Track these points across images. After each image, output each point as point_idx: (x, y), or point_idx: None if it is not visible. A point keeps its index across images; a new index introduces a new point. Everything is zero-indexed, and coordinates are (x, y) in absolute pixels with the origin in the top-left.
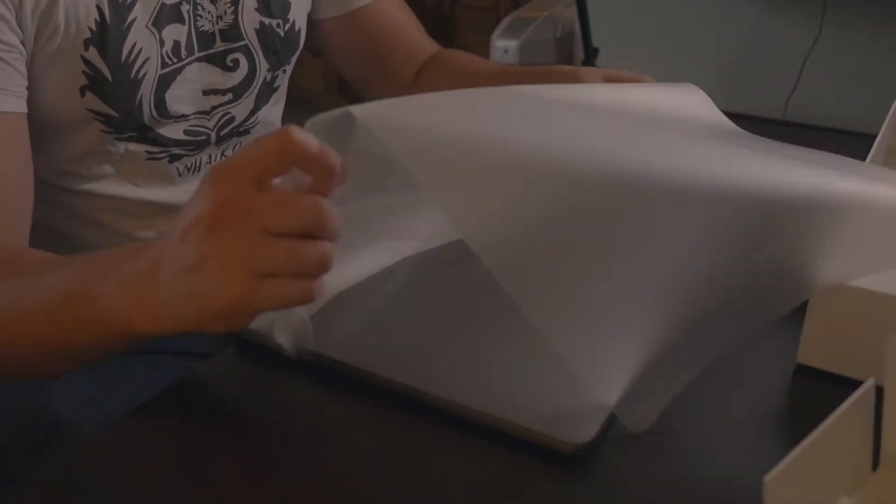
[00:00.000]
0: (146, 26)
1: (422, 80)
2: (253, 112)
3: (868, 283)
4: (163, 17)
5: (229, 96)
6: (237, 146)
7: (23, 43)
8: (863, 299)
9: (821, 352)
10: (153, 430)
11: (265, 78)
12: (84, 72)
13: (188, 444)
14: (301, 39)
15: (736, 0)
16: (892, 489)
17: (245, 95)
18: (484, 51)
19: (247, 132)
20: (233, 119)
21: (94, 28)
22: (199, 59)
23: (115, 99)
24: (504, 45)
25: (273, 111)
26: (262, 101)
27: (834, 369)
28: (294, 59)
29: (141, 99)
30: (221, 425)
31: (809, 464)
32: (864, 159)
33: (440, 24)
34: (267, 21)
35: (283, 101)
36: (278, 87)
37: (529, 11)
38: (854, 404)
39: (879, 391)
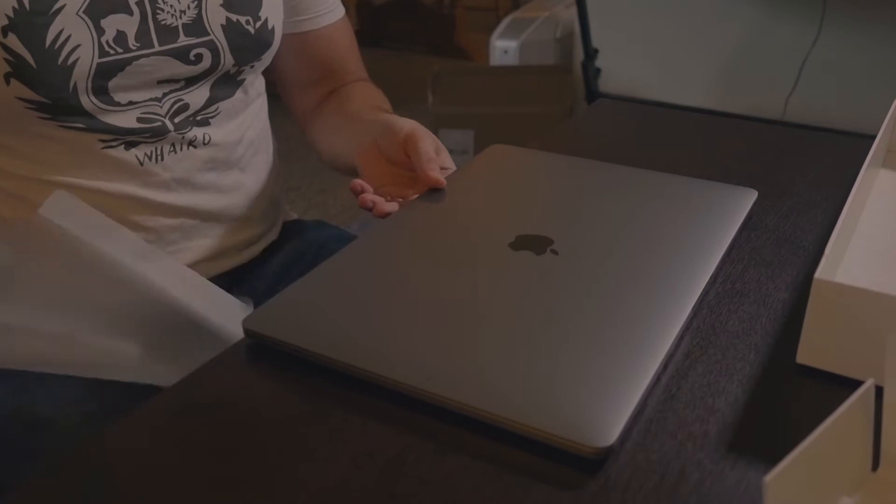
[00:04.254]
0: (77, 13)
1: (317, 109)
2: (210, 101)
3: (868, 283)
4: (99, 7)
5: (181, 83)
6: (206, 137)
7: None
8: (863, 299)
9: (821, 352)
10: (154, 430)
11: (228, 71)
12: (6, 59)
13: (189, 443)
14: (275, 37)
15: (736, 0)
16: (892, 489)
17: (199, 84)
18: (484, 51)
19: (206, 122)
20: (186, 106)
21: (10, 15)
22: (160, 53)
23: (44, 85)
24: (504, 46)
25: (243, 104)
26: (220, 91)
27: (834, 369)
28: (266, 56)
29: (75, 86)
30: (223, 425)
31: (809, 464)
32: (863, 159)
33: (440, 24)
34: (234, 17)
35: (264, 97)
36: (243, 80)
37: (529, 11)
38: (854, 404)
39: (879, 391)
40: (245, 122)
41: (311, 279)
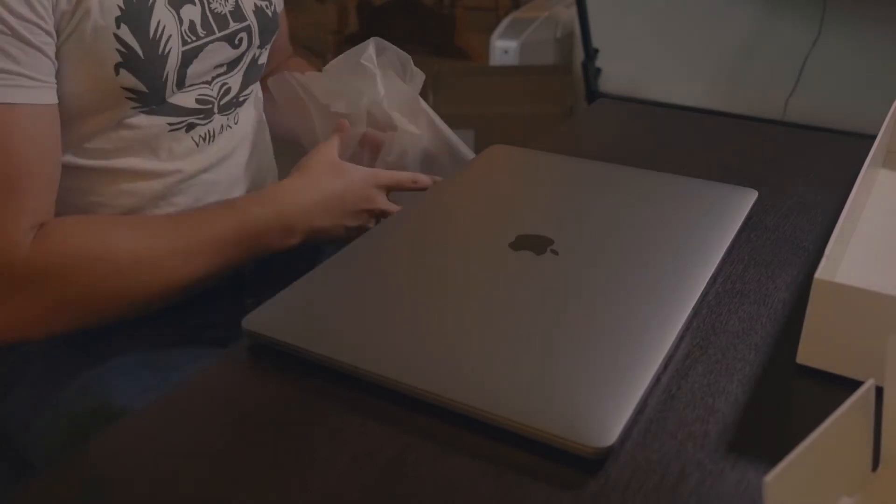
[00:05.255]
0: (165, 6)
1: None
2: (244, 84)
3: (868, 284)
4: None
5: (225, 68)
6: (236, 117)
7: (57, 31)
8: (863, 299)
9: (821, 352)
10: (155, 430)
11: (254, 55)
12: (118, 49)
13: (190, 443)
14: (279, 20)
15: (736, 0)
16: (892, 489)
17: (236, 69)
18: (484, 51)
19: (241, 104)
20: (230, 89)
21: (122, 6)
22: (219, 39)
23: (147, 75)
24: (504, 46)
25: (260, 86)
26: (251, 74)
27: (834, 369)
28: (275, 38)
29: (167, 74)
30: (223, 425)
31: (809, 464)
32: (864, 159)
33: (440, 24)
34: (260, 3)
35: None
36: (262, 63)
37: (529, 11)
38: (854, 404)
39: (879, 391)
40: (259, 102)
41: (311, 279)
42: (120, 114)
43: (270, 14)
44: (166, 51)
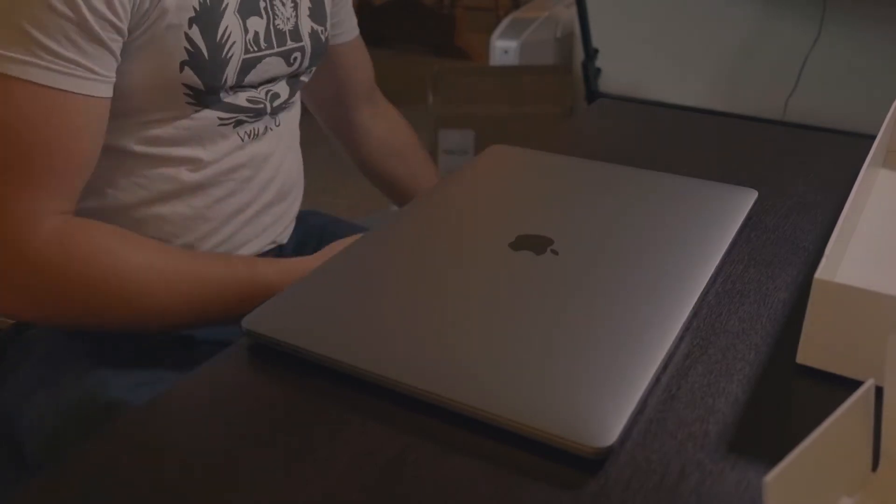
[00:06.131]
0: (234, 13)
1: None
2: (291, 93)
3: (868, 283)
4: (245, 8)
5: (275, 80)
6: (279, 120)
7: (131, 27)
8: (863, 299)
9: (821, 352)
10: (154, 430)
11: (300, 71)
12: (186, 48)
13: (189, 443)
14: (328, 45)
15: (736, 0)
16: (892, 489)
17: (283, 79)
18: (484, 51)
19: (288, 108)
20: (278, 96)
21: (197, 8)
22: (276, 54)
23: (208, 75)
24: (504, 46)
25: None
26: (295, 85)
27: (834, 369)
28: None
29: (227, 78)
30: (223, 425)
31: (809, 464)
32: (864, 159)
33: (440, 24)
34: (316, 27)
35: None
36: (304, 81)
37: (529, 11)
38: (854, 404)
39: (879, 391)
40: (299, 109)
41: (311, 279)
42: (176, 108)
43: (323, 39)
44: (229, 55)
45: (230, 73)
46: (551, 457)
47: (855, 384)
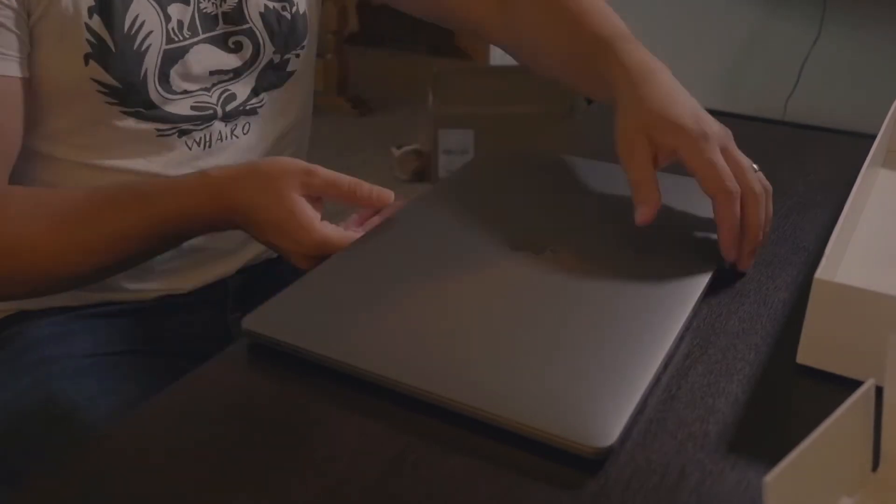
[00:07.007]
0: (147, 0)
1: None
2: (256, 92)
3: (868, 284)
4: None
5: (230, 74)
6: (246, 126)
7: (26, 10)
8: (863, 299)
9: (821, 352)
10: (154, 430)
11: (271, 59)
12: (88, 40)
13: (189, 443)
14: (307, 24)
15: (736, 0)
16: (892, 489)
17: (244, 74)
18: (484, 51)
19: (254, 111)
20: (234, 96)
21: None
22: (203, 41)
23: (120, 70)
24: None
25: (289, 96)
26: (266, 82)
27: (834, 369)
28: (306, 43)
29: (146, 72)
30: (223, 425)
31: (809, 464)
32: (864, 159)
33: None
34: (271, 5)
35: (310, 90)
36: (293, 71)
37: None
38: (854, 404)
39: (879, 391)
40: (290, 115)
41: (310, 279)
42: (96, 108)
43: (290, 16)
44: (144, 47)
45: (149, 67)
46: (551, 457)
47: (855, 384)
